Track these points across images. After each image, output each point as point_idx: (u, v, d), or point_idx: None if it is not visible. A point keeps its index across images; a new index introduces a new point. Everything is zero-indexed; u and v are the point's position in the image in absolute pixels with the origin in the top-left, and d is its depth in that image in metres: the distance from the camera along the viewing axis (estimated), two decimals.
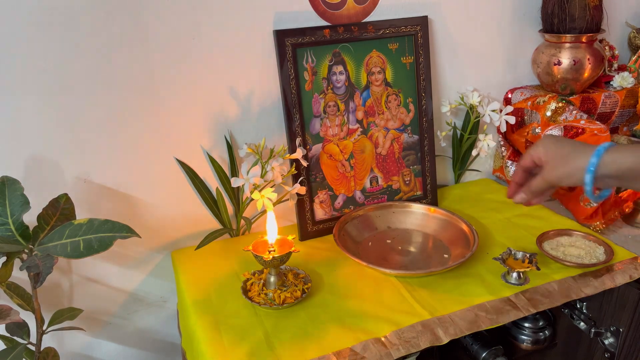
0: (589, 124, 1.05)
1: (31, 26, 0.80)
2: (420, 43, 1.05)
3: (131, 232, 0.74)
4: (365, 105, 1.03)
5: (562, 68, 1.10)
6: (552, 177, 0.70)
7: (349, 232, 0.99)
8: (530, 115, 1.14)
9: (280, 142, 1.01)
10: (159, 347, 1.09)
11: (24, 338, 0.86)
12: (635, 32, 1.27)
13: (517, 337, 1.06)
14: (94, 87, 0.87)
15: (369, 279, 0.88)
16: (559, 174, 0.69)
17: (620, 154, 0.65)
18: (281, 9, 0.95)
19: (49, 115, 0.86)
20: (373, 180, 1.07)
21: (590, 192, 0.67)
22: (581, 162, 0.67)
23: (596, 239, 0.94)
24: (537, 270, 0.84)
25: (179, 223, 1.01)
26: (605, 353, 0.96)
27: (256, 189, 0.91)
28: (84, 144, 0.89)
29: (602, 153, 0.66)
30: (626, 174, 0.65)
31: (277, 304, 0.80)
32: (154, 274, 1.02)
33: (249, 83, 0.97)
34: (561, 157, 0.69)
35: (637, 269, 0.88)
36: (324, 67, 0.98)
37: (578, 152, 0.68)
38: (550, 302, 0.82)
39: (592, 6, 1.07)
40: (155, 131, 0.93)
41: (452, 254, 0.94)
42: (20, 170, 0.86)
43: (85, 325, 0.98)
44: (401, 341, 0.73)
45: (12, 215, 0.76)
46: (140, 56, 0.88)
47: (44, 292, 0.92)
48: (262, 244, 0.84)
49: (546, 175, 0.71)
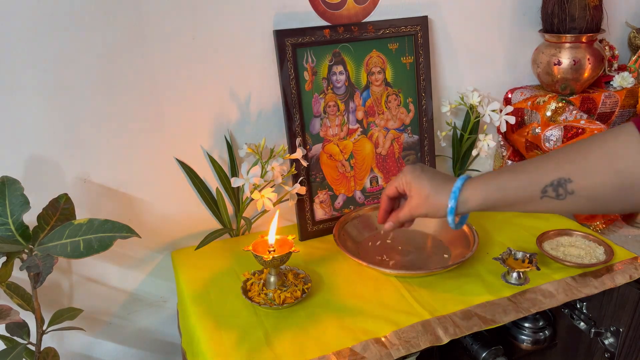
0: (589, 124, 1.05)
1: (31, 26, 0.80)
2: (420, 43, 1.05)
3: (131, 232, 0.74)
4: (365, 105, 1.03)
5: (562, 68, 1.10)
6: (418, 213, 0.76)
7: (349, 232, 0.99)
8: (530, 115, 1.14)
9: (280, 142, 1.01)
10: (159, 347, 1.09)
11: (24, 338, 0.86)
12: (635, 32, 1.27)
13: (517, 337, 1.06)
14: (94, 87, 0.87)
15: (369, 279, 0.88)
16: (424, 212, 0.75)
17: (472, 190, 0.70)
18: (281, 9, 0.95)
19: (49, 115, 0.86)
20: (373, 180, 1.07)
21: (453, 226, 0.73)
22: (442, 202, 0.72)
23: (596, 239, 0.94)
24: (537, 270, 0.84)
25: (179, 223, 1.01)
26: (605, 353, 0.96)
27: (256, 189, 0.91)
28: (84, 144, 0.89)
29: (458, 194, 0.70)
30: (481, 206, 0.70)
31: (277, 304, 0.80)
32: (154, 274, 1.02)
33: (249, 83, 0.97)
34: (424, 197, 0.74)
35: (637, 269, 0.88)
36: (324, 67, 0.98)
37: (437, 193, 0.73)
38: (550, 302, 0.82)
39: (592, 6, 1.08)
40: (155, 131, 0.93)
41: (452, 254, 0.94)
42: (20, 170, 0.86)
43: (85, 325, 0.98)
44: (401, 341, 0.73)
45: (12, 215, 0.76)
46: (140, 56, 0.88)
47: (44, 292, 0.92)
48: (262, 244, 0.84)
49: (413, 211, 0.76)
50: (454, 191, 0.71)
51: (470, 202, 0.70)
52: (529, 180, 0.66)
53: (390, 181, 0.79)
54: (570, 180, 0.62)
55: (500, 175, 0.69)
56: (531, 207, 0.67)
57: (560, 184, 0.63)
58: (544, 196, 0.64)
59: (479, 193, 0.69)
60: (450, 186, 0.72)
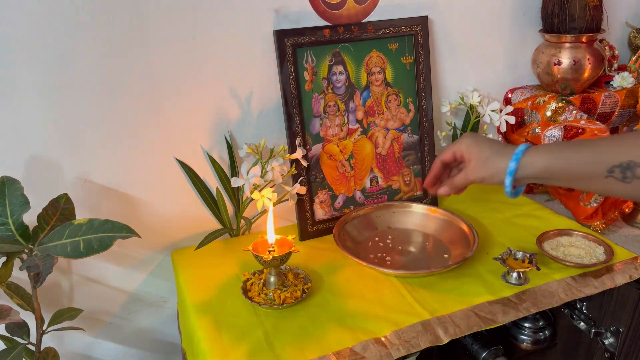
0: (589, 124, 1.05)
1: (32, 26, 0.80)
2: (420, 43, 1.05)
3: (131, 232, 0.74)
4: (365, 105, 1.03)
5: (562, 68, 1.10)
6: (475, 177, 0.74)
7: (349, 232, 0.99)
8: (530, 115, 1.14)
9: (280, 142, 1.01)
10: (159, 347, 1.09)
11: (24, 338, 0.86)
12: (635, 32, 1.27)
13: (517, 337, 1.05)
14: (94, 87, 0.87)
15: (369, 279, 0.88)
16: (481, 175, 0.73)
17: (535, 156, 0.69)
18: (281, 9, 0.95)
19: (49, 115, 0.86)
20: (373, 180, 1.07)
21: (510, 193, 0.72)
22: (501, 165, 0.70)
23: (596, 239, 0.94)
24: (537, 270, 0.84)
25: (179, 223, 1.01)
26: (605, 353, 0.96)
27: (256, 189, 0.91)
28: (84, 144, 0.89)
29: (520, 156, 0.69)
30: (542, 174, 0.68)
31: (277, 304, 0.80)
32: (154, 274, 1.02)
33: (249, 83, 0.97)
34: (483, 159, 0.72)
35: (637, 269, 0.88)
36: (324, 67, 0.98)
37: (498, 155, 0.71)
38: (550, 302, 0.82)
39: (592, 6, 1.07)
40: (155, 131, 0.93)
41: (452, 254, 0.94)
42: (20, 170, 0.86)
43: (85, 325, 0.98)
44: (401, 341, 0.73)
45: (12, 215, 0.76)
46: (140, 56, 0.88)
47: (44, 292, 0.92)
48: (262, 244, 0.84)
49: (469, 174, 0.74)
50: (517, 153, 0.69)
51: (531, 167, 0.68)
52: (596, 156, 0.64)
53: (446, 147, 0.78)
54: None
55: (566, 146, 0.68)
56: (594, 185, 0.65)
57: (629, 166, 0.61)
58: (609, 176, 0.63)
59: (542, 159, 0.68)
60: (512, 150, 0.70)
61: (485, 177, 0.72)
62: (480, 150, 0.73)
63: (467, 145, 0.74)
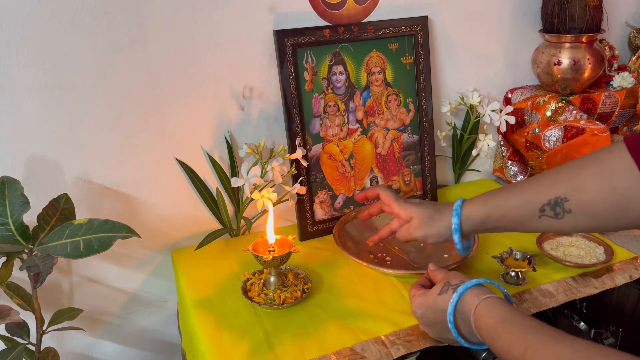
0: (589, 124, 1.05)
1: (32, 26, 0.80)
2: (420, 43, 1.05)
3: (131, 232, 0.74)
4: (365, 105, 1.03)
5: (562, 68, 1.10)
6: (418, 234, 0.75)
7: (349, 232, 0.99)
8: (530, 115, 1.14)
9: (280, 142, 1.01)
10: (159, 347, 1.09)
11: (24, 338, 0.86)
12: (635, 32, 1.27)
13: None
14: (94, 87, 0.87)
15: (369, 279, 0.88)
16: (426, 233, 0.74)
17: (473, 208, 0.71)
18: (281, 9, 0.95)
19: (49, 115, 0.86)
20: (373, 180, 1.07)
21: (461, 249, 0.74)
22: (444, 223, 0.72)
23: (596, 239, 0.94)
24: (533, 271, 0.84)
25: (179, 223, 1.01)
26: None
27: (256, 189, 0.91)
28: (84, 144, 0.89)
29: (460, 211, 0.71)
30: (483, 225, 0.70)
31: (277, 304, 0.80)
32: (154, 274, 1.02)
33: (249, 83, 0.97)
34: (427, 217, 0.74)
35: (637, 269, 0.88)
36: (324, 67, 0.98)
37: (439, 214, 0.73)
38: (550, 302, 0.82)
39: (592, 6, 1.08)
40: (155, 131, 0.93)
41: (452, 254, 0.94)
42: (20, 170, 0.86)
43: (85, 325, 0.98)
44: (401, 341, 0.73)
45: (12, 215, 0.76)
46: (140, 56, 0.88)
47: (44, 292, 0.92)
48: (262, 244, 0.84)
49: (412, 232, 0.76)
50: (455, 209, 0.71)
51: (472, 220, 0.70)
52: (525, 199, 0.66)
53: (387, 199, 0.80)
54: (567, 199, 0.62)
55: (498, 194, 0.70)
56: (531, 226, 0.67)
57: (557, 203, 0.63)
58: (542, 215, 0.65)
59: (479, 210, 0.70)
60: (450, 207, 0.72)
61: (430, 235, 0.74)
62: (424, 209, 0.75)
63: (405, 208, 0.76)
